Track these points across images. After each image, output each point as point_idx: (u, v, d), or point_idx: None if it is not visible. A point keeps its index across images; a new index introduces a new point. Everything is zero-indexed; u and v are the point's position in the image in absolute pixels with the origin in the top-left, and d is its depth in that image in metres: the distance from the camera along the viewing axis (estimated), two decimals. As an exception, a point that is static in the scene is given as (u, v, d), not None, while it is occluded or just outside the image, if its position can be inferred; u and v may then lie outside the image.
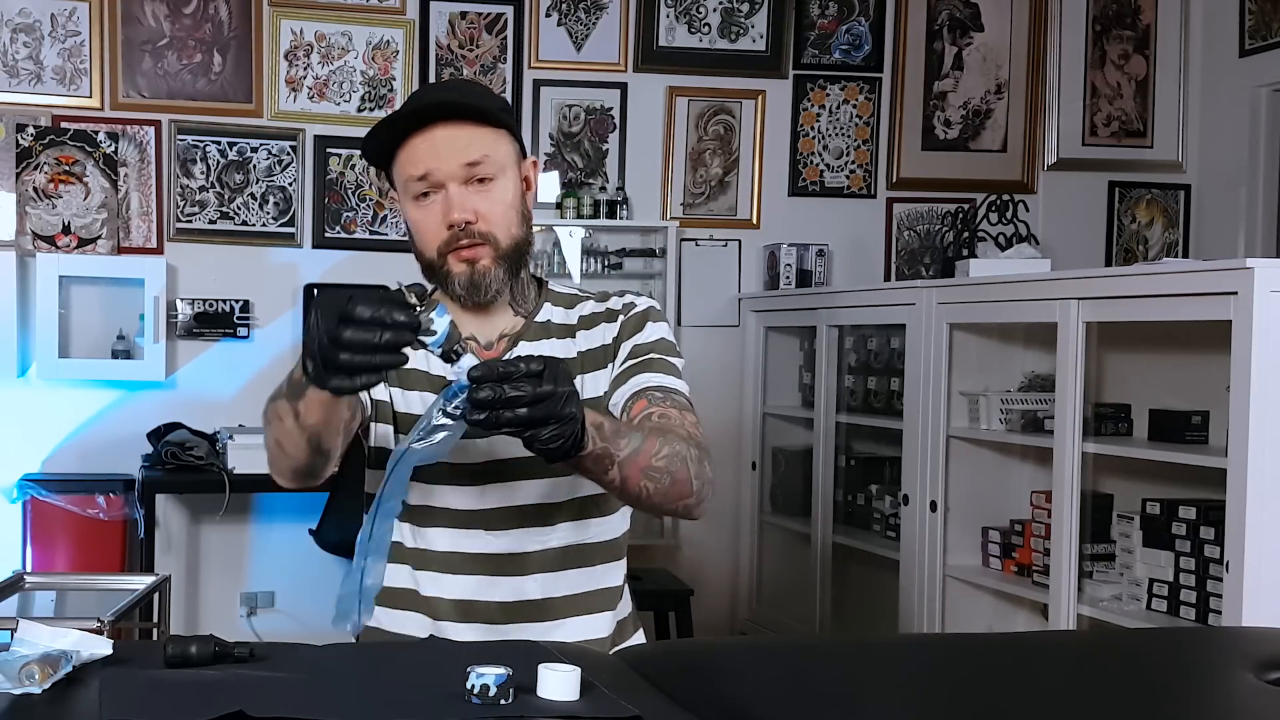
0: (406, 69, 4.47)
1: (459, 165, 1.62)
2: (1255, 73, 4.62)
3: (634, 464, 1.46)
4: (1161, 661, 1.34)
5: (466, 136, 1.63)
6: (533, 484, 1.66)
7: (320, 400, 1.42)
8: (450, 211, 1.62)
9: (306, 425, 1.46)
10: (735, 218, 4.74)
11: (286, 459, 1.53)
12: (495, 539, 1.66)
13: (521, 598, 1.65)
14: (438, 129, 1.62)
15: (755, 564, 4.63)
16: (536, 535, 1.66)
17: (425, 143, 1.62)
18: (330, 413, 1.45)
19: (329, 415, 1.45)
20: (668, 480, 1.50)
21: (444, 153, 1.62)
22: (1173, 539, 2.85)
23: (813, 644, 2.10)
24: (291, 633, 4.30)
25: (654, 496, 1.50)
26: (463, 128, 1.63)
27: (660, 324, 1.72)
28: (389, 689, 1.16)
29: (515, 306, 1.72)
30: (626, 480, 1.46)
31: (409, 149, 1.64)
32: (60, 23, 4.26)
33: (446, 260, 1.64)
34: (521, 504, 1.66)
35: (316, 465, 1.54)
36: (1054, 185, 4.90)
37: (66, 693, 1.10)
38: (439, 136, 1.62)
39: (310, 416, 1.45)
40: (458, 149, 1.62)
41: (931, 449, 3.53)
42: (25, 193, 4.22)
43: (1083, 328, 2.93)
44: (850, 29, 4.79)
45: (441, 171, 1.62)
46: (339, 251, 4.45)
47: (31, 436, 4.21)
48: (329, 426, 1.47)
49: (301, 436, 1.48)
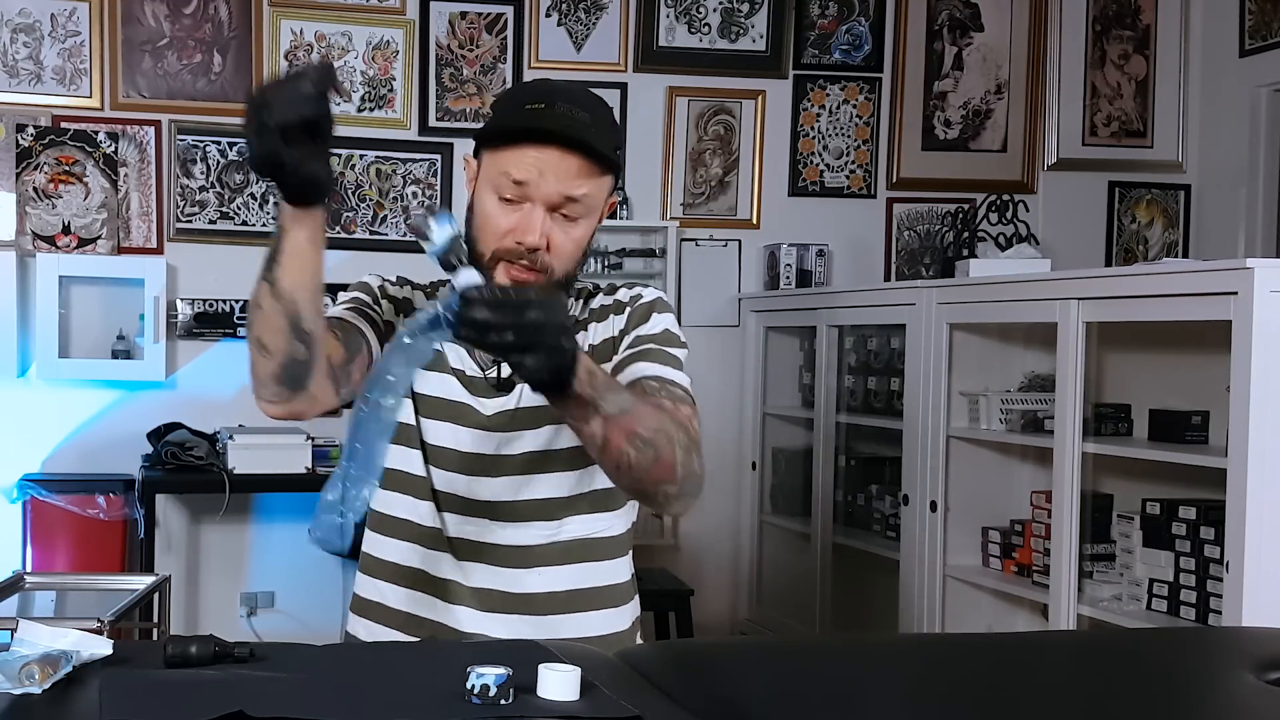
0: (406, 69, 4.48)
1: (559, 194, 1.58)
2: (1255, 73, 4.62)
3: (619, 425, 1.42)
4: (1161, 661, 1.34)
5: (578, 169, 1.58)
6: (542, 478, 1.66)
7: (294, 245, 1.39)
8: (527, 233, 1.58)
9: (283, 293, 1.40)
10: (735, 218, 4.74)
11: (267, 360, 1.44)
12: (501, 530, 1.66)
13: (524, 590, 1.65)
14: (554, 149, 1.58)
15: (755, 564, 4.63)
16: (541, 529, 1.66)
17: (537, 155, 1.58)
18: (306, 259, 1.40)
19: (304, 261, 1.40)
20: (651, 454, 1.46)
21: (551, 176, 1.57)
22: (1173, 539, 2.85)
23: (813, 644, 2.10)
24: (291, 633, 4.30)
25: (634, 468, 1.46)
26: (579, 159, 1.59)
27: (666, 315, 1.70)
28: (389, 689, 1.16)
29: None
30: (608, 441, 1.43)
31: (518, 151, 1.59)
32: (60, 23, 4.26)
33: (497, 265, 1.61)
34: (529, 498, 1.66)
35: (299, 363, 1.44)
36: (1054, 185, 4.90)
37: (66, 693, 1.10)
38: (553, 157, 1.58)
39: (285, 276, 1.40)
40: (565, 178, 1.58)
41: (931, 449, 3.53)
42: (25, 193, 4.22)
43: (1083, 328, 2.93)
44: (850, 29, 4.79)
45: (540, 191, 1.57)
46: (339, 252, 4.45)
47: (31, 436, 4.21)
48: (305, 287, 1.41)
49: (280, 315, 1.40)
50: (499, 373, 1.68)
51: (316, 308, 1.43)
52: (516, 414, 1.66)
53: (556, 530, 1.67)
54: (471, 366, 1.69)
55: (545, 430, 1.66)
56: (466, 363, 1.69)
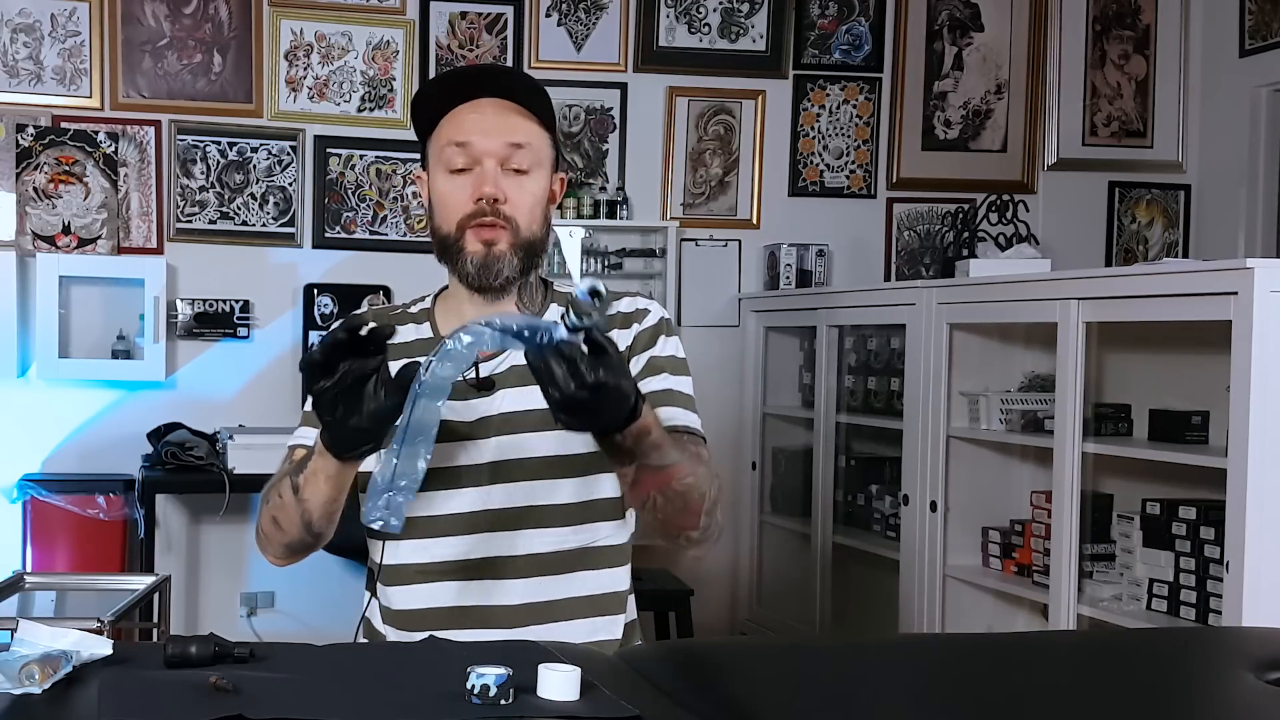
0: (406, 69, 4.48)
1: (502, 143, 1.62)
2: (1255, 73, 4.62)
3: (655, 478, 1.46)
4: (1161, 661, 1.34)
5: (515, 119, 1.63)
6: (542, 484, 1.65)
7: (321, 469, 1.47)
8: (482, 185, 1.62)
9: (302, 500, 1.51)
10: (735, 218, 4.74)
11: (278, 533, 1.59)
12: (494, 540, 1.65)
13: (516, 600, 1.65)
14: (488, 103, 1.63)
15: (755, 564, 4.63)
16: (538, 536, 1.66)
17: (474, 113, 1.63)
18: (327, 485, 1.49)
19: (326, 487, 1.49)
20: (680, 504, 1.50)
21: (491, 127, 1.62)
22: (1173, 539, 2.85)
23: (813, 644, 2.10)
24: (291, 633, 4.30)
25: (659, 511, 1.51)
26: (513, 110, 1.64)
27: (674, 338, 1.71)
28: (389, 689, 1.15)
29: (522, 306, 1.71)
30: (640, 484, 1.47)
31: (455, 116, 1.64)
32: (60, 23, 4.26)
33: (464, 236, 1.63)
34: (525, 504, 1.65)
35: (306, 545, 1.60)
36: (1054, 185, 4.90)
37: (66, 693, 1.10)
38: (489, 110, 1.62)
39: (307, 488, 1.50)
40: (505, 127, 1.62)
41: (931, 449, 3.53)
42: (25, 193, 4.22)
43: (1083, 328, 2.93)
44: (850, 29, 4.79)
45: (484, 145, 1.62)
46: (339, 252, 4.45)
47: (31, 436, 4.20)
48: (322, 504, 1.51)
49: (296, 513, 1.53)
50: (477, 373, 1.67)
51: (329, 517, 1.54)
52: (495, 420, 1.65)
53: (557, 536, 1.66)
54: None
55: (526, 435, 1.65)
56: None
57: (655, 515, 1.52)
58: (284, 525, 1.57)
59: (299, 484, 1.51)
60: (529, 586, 1.65)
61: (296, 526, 1.55)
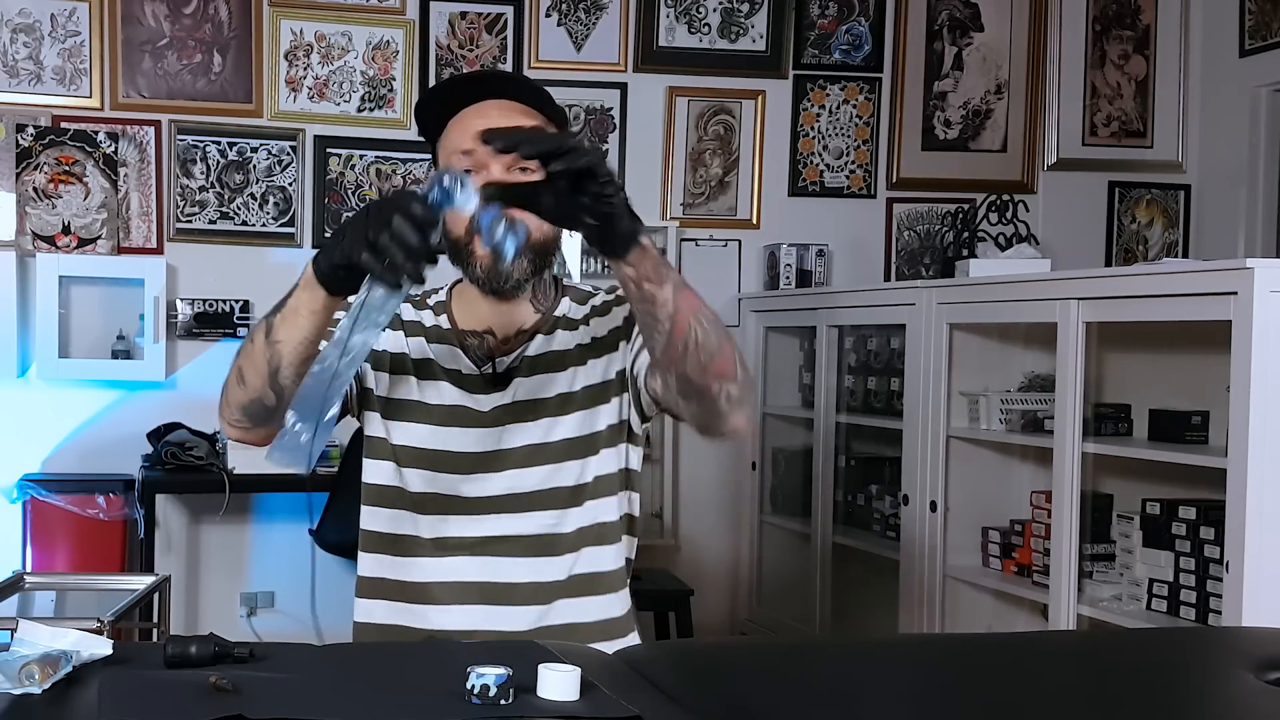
0: (406, 69, 4.48)
1: None
2: (1255, 73, 4.62)
3: (688, 297, 1.41)
4: (1161, 661, 1.34)
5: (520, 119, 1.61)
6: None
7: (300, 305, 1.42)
8: None
9: (273, 341, 1.45)
10: (735, 218, 4.74)
11: (240, 390, 1.52)
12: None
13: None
14: (493, 105, 1.62)
15: (755, 564, 4.63)
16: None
17: (478, 116, 1.61)
18: (304, 323, 1.43)
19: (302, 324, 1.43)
20: (715, 339, 1.44)
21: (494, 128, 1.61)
22: (1173, 539, 2.85)
23: (813, 644, 2.10)
24: (291, 633, 4.30)
25: (702, 348, 1.44)
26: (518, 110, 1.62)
27: None
28: (389, 689, 1.16)
29: (536, 303, 1.72)
30: (678, 312, 1.41)
31: (461, 120, 1.63)
32: (60, 23, 4.26)
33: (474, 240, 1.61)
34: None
35: (265, 407, 1.51)
36: (1054, 185, 4.90)
37: (66, 693, 1.10)
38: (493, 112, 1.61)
39: (281, 327, 1.44)
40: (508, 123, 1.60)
41: (931, 449, 3.53)
42: (25, 193, 4.22)
43: (1083, 328, 2.93)
44: (850, 29, 4.79)
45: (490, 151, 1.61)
46: (339, 251, 4.45)
47: (31, 436, 4.20)
48: (294, 345, 1.45)
49: (263, 359, 1.47)
50: (494, 368, 1.68)
51: (297, 367, 1.46)
52: (512, 408, 1.67)
53: (558, 520, 1.67)
54: (467, 365, 1.69)
55: (543, 422, 1.67)
56: (461, 362, 1.70)
57: (698, 358, 1.45)
58: (247, 378, 1.51)
59: (273, 324, 1.46)
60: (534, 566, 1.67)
61: (262, 378, 1.49)
